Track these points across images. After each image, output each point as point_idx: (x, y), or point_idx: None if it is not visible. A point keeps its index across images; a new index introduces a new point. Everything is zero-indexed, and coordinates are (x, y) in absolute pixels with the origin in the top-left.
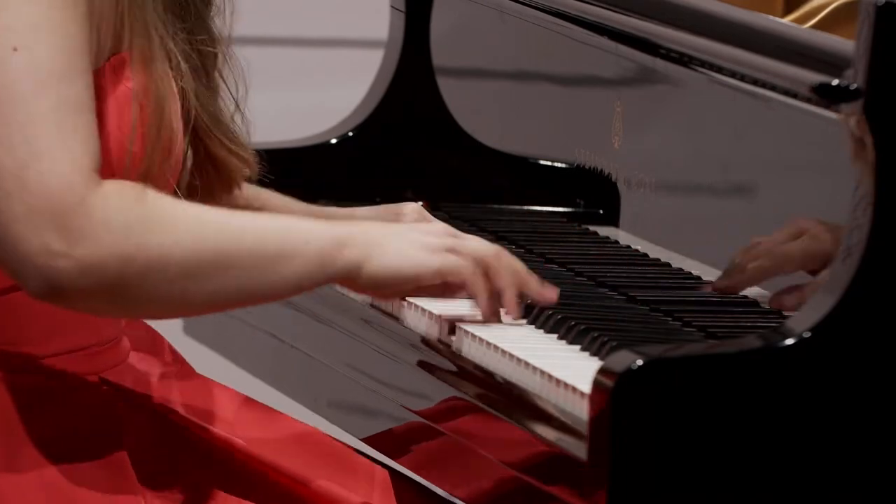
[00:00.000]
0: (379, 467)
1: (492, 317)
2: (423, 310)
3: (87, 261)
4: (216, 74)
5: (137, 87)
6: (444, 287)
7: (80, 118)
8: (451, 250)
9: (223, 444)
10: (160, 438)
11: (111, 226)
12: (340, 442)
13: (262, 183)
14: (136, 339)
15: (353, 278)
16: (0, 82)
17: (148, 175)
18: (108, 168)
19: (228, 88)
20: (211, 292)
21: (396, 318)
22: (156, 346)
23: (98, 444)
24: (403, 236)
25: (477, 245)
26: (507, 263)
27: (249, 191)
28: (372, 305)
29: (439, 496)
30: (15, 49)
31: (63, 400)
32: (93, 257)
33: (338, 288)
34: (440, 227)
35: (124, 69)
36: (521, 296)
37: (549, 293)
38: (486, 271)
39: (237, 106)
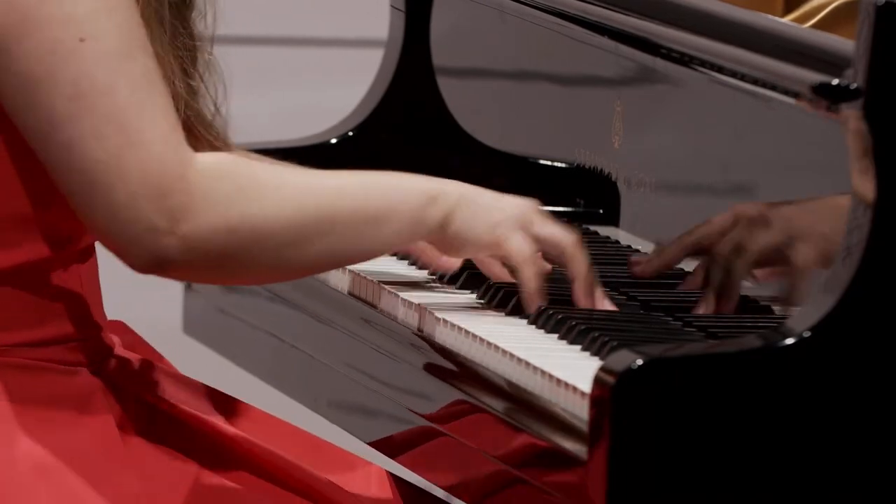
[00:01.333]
0: (375, 465)
1: (532, 298)
2: (408, 302)
3: (193, 236)
4: (197, 75)
5: None
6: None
7: (156, 93)
8: (521, 225)
9: (213, 431)
10: (148, 425)
11: (212, 199)
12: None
13: None
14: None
15: (438, 235)
16: (76, 76)
17: None
18: None
19: (208, 90)
20: (312, 256)
21: (385, 313)
22: (136, 348)
23: (87, 423)
24: (488, 198)
25: (555, 228)
26: (584, 256)
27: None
28: (350, 294)
29: (438, 498)
30: (82, 39)
31: (50, 381)
32: (197, 232)
33: (337, 288)
34: (525, 202)
35: None
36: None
37: (593, 300)
38: (561, 254)
39: (216, 108)
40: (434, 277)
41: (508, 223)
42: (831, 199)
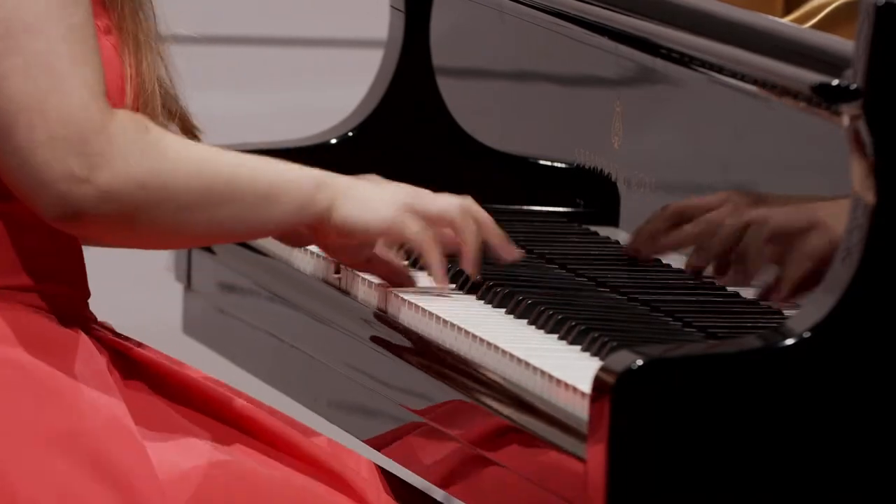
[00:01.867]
0: (365, 458)
1: (441, 279)
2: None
3: (107, 186)
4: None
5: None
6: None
7: (89, 45)
8: (410, 209)
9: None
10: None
11: (129, 151)
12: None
13: None
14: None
15: (323, 223)
16: (11, 15)
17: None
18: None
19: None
20: (210, 223)
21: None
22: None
23: (79, 351)
24: (371, 188)
25: (441, 203)
26: (474, 216)
27: None
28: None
29: (434, 500)
30: None
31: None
32: (112, 182)
33: (337, 287)
34: (406, 186)
35: (98, 11)
36: (485, 252)
37: (510, 250)
38: (452, 227)
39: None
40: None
41: (399, 209)
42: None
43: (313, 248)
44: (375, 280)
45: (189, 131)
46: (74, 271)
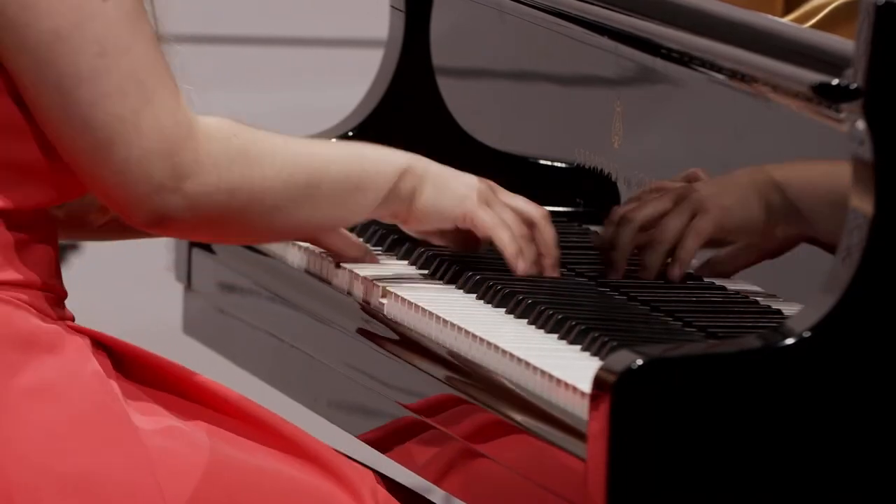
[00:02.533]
0: (366, 469)
1: (514, 259)
2: (409, 302)
3: (195, 194)
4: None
5: None
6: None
7: (161, 55)
8: (485, 198)
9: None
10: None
11: (217, 158)
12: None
13: None
14: None
15: (403, 210)
16: (103, 33)
17: None
18: None
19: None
20: (300, 220)
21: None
22: None
23: (66, 344)
24: (450, 175)
25: (523, 202)
26: (549, 231)
27: None
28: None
29: (428, 500)
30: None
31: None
32: (201, 189)
33: (336, 287)
34: (484, 180)
35: None
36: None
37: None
38: (533, 226)
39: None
40: (428, 273)
41: (473, 196)
42: (736, 174)
43: (305, 244)
44: (373, 278)
45: None
46: (50, 270)
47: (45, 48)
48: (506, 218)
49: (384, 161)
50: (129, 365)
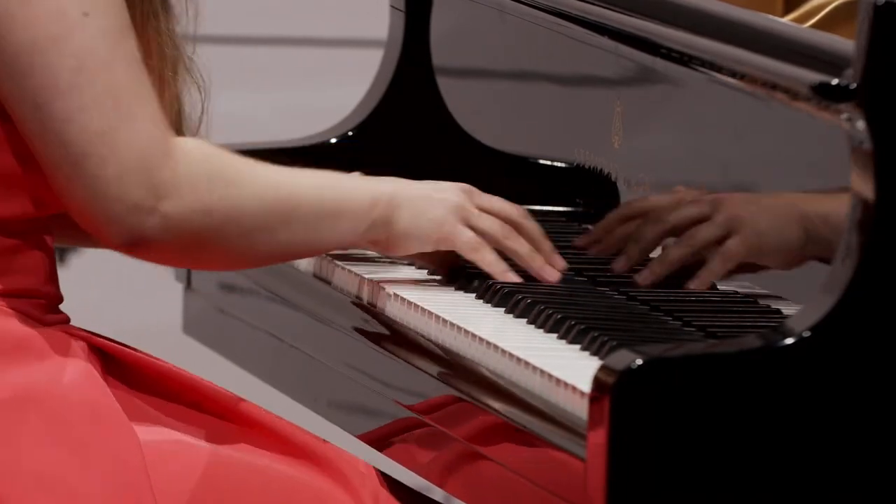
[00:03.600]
0: (368, 468)
1: (501, 276)
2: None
3: (173, 215)
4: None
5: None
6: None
7: (143, 73)
8: (466, 219)
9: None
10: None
11: (195, 179)
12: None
13: None
14: None
15: (385, 235)
16: (81, 48)
17: None
18: None
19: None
20: (274, 245)
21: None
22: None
23: (58, 349)
24: (423, 195)
25: (498, 204)
26: (531, 224)
27: None
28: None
29: (434, 500)
30: (86, 14)
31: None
32: (178, 210)
33: (336, 287)
34: (458, 187)
35: None
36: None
37: (548, 274)
38: (515, 227)
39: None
40: (428, 272)
41: (451, 217)
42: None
43: None
44: (373, 279)
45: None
46: (43, 277)
47: (22, 60)
48: (486, 227)
49: (359, 189)
50: (124, 368)
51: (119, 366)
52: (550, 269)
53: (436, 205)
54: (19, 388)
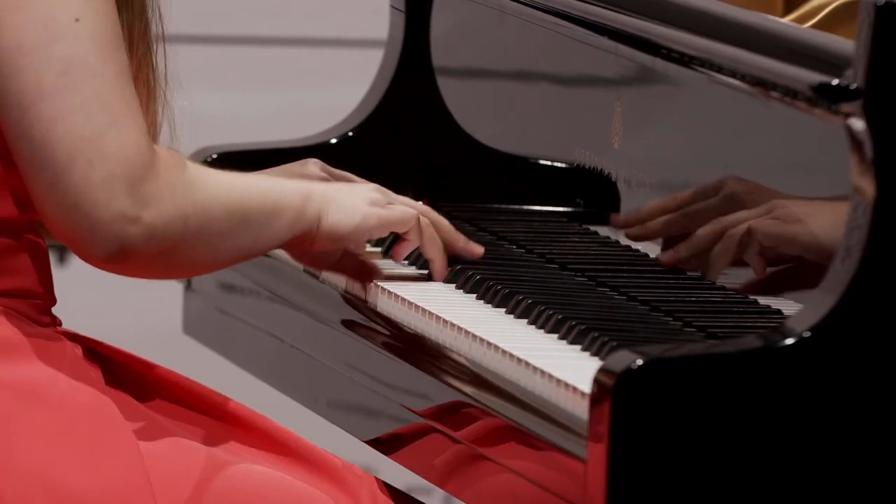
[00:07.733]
0: (367, 475)
1: (441, 269)
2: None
3: (155, 223)
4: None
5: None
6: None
7: (130, 83)
8: (378, 203)
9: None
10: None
11: (174, 187)
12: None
13: None
14: None
15: (313, 231)
16: (72, 52)
17: None
18: None
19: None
20: (233, 248)
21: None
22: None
23: (53, 350)
24: (347, 192)
25: (407, 202)
26: (434, 220)
27: None
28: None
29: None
30: (77, 20)
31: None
32: (160, 219)
33: (336, 286)
34: (372, 185)
35: None
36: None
37: (474, 248)
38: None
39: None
40: (428, 273)
41: (377, 204)
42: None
43: None
44: (374, 279)
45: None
46: (36, 279)
47: (6, 62)
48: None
49: (290, 188)
50: (118, 370)
51: (113, 368)
52: (474, 244)
53: (361, 197)
54: (16, 388)
